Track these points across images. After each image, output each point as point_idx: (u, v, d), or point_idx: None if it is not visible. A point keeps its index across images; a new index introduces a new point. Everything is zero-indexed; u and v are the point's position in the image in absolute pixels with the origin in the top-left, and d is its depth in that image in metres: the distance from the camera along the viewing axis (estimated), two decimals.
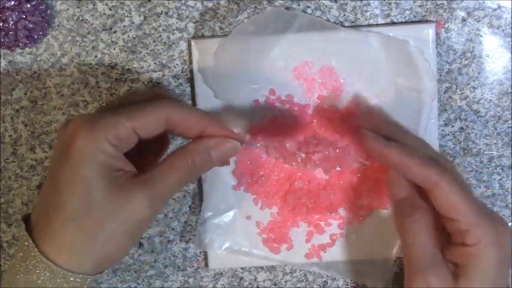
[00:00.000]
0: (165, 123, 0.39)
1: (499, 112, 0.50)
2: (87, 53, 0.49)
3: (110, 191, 0.37)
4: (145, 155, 0.42)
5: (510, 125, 0.50)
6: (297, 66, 0.48)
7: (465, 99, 0.49)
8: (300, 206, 0.49)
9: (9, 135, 0.50)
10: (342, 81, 0.48)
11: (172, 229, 0.51)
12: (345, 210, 0.49)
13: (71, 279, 0.37)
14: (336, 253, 0.50)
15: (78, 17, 0.48)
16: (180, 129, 0.40)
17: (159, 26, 0.48)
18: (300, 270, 0.52)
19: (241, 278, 0.52)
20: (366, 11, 0.48)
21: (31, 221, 0.39)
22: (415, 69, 0.47)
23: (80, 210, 0.36)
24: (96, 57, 0.49)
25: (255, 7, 0.48)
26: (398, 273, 0.50)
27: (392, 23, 0.48)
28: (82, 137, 0.36)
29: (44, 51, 0.49)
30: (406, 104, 0.48)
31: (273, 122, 0.48)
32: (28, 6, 0.46)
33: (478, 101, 0.49)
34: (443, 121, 0.50)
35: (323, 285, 0.52)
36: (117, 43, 0.49)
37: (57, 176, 0.37)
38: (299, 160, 0.45)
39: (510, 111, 0.49)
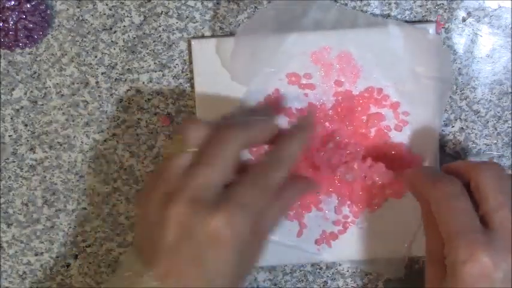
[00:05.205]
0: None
1: (499, 112, 0.50)
2: (87, 53, 0.49)
3: None
4: None
5: (510, 125, 0.50)
6: (315, 51, 0.48)
7: (465, 99, 0.49)
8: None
9: (9, 135, 0.50)
10: (359, 67, 0.48)
11: None
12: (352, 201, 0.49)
13: None
14: (348, 241, 0.50)
15: (78, 17, 0.48)
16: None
17: (159, 26, 0.48)
18: (300, 271, 0.51)
19: None
20: (366, 11, 0.48)
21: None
22: (435, 58, 0.47)
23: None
24: (96, 57, 0.49)
25: (255, 7, 0.48)
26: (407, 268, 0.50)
27: None
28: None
29: (44, 51, 0.49)
30: (425, 93, 0.48)
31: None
32: (28, 6, 0.46)
33: (478, 101, 0.49)
34: (444, 121, 0.50)
35: (323, 285, 0.52)
36: (117, 43, 0.49)
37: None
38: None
39: (510, 111, 0.49)
